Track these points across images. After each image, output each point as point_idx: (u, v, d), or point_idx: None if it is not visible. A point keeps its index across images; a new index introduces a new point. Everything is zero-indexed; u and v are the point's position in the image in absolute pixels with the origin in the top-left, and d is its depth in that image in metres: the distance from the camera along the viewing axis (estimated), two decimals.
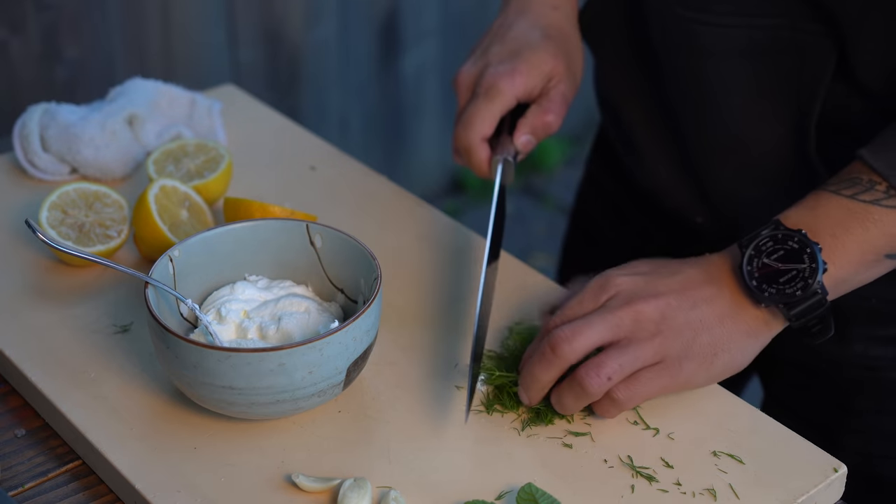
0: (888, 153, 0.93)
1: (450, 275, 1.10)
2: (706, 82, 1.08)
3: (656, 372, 0.92)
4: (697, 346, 0.93)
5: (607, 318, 0.93)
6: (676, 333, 0.92)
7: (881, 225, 0.93)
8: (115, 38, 2.14)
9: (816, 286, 0.91)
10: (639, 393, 0.92)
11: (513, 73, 1.08)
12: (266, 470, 0.90)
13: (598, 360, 0.92)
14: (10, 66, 2.02)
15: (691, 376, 0.93)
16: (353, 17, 2.51)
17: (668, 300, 0.93)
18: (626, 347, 0.92)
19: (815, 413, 1.18)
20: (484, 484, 0.89)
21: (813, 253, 0.92)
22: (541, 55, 1.10)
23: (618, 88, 1.23)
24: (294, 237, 1.00)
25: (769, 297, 0.92)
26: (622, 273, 0.96)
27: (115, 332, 1.02)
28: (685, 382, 0.94)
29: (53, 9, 2.03)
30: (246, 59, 2.36)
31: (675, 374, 0.93)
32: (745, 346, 0.94)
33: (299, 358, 0.88)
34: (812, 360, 1.17)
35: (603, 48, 1.24)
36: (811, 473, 0.90)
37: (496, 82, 1.08)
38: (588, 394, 0.91)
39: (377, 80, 2.63)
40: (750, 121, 1.08)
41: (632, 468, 0.90)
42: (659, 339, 0.92)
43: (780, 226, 0.94)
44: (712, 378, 0.95)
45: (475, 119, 1.07)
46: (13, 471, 0.92)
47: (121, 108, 1.23)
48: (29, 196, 1.20)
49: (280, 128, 1.34)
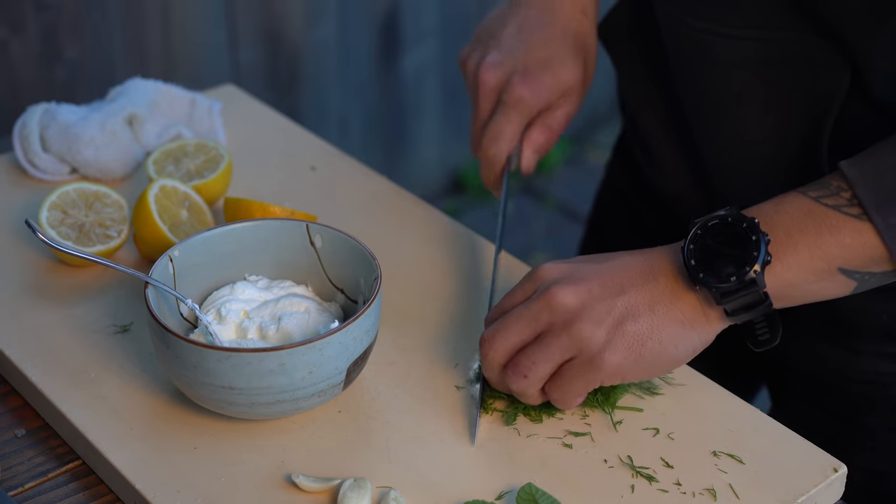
0: (864, 163, 0.89)
1: (450, 274, 1.10)
2: (719, 92, 1.07)
3: (577, 366, 0.89)
4: (622, 336, 0.88)
5: (524, 313, 0.90)
6: (595, 322, 0.88)
7: (836, 232, 0.88)
8: (115, 38, 2.14)
9: (754, 276, 0.86)
10: (566, 390, 0.90)
11: (541, 87, 1.07)
12: (266, 470, 0.90)
13: (515, 358, 0.90)
14: (10, 66, 2.02)
15: (618, 369, 0.89)
16: (353, 17, 2.51)
17: (590, 286, 0.89)
18: (542, 340, 0.89)
19: (824, 427, 1.15)
20: (484, 484, 0.89)
21: (758, 241, 0.87)
22: (568, 70, 1.08)
23: (635, 96, 1.22)
24: (294, 237, 1.00)
25: (702, 280, 0.87)
26: (556, 262, 0.93)
27: (115, 332, 1.02)
28: (613, 375, 0.89)
29: (53, 9, 2.03)
30: (246, 59, 2.36)
31: (598, 367, 0.88)
32: (678, 335, 0.89)
33: (299, 358, 0.88)
34: (822, 374, 1.15)
35: (620, 56, 1.23)
36: (811, 473, 0.90)
37: (524, 95, 1.06)
38: (518, 394, 0.91)
39: (377, 79, 2.63)
40: (763, 132, 1.06)
41: (632, 468, 0.90)
42: (577, 328, 0.88)
43: (734, 209, 0.89)
44: (645, 371, 0.90)
45: (506, 134, 1.06)
46: (13, 471, 0.92)
47: (121, 108, 1.23)
48: (29, 196, 1.20)
49: (280, 128, 1.34)
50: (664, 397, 0.96)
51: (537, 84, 1.06)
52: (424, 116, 2.77)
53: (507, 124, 1.06)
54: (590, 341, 0.88)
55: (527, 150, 1.08)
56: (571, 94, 1.10)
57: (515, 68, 1.07)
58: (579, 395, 0.90)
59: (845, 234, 0.88)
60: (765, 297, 0.88)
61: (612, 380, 0.90)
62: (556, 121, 1.09)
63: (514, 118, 1.06)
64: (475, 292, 1.08)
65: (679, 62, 1.10)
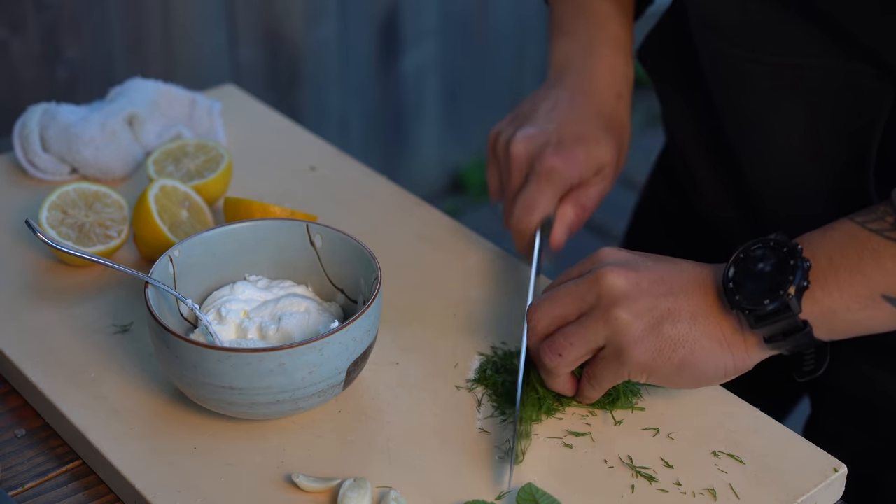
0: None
1: (450, 274, 1.10)
2: (762, 119, 1.05)
3: (607, 357, 0.89)
4: (657, 335, 0.87)
5: (572, 289, 0.90)
6: (635, 314, 0.87)
7: (877, 256, 0.86)
8: (115, 38, 2.14)
9: (790, 301, 0.85)
10: (599, 382, 0.90)
11: (574, 160, 1.05)
12: (266, 470, 0.90)
13: (552, 336, 0.90)
14: (10, 66, 2.02)
15: (644, 366, 0.88)
16: (353, 17, 2.51)
17: (640, 278, 0.89)
18: (579, 322, 0.89)
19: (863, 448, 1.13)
20: (484, 484, 0.89)
21: (795, 266, 0.86)
22: (601, 148, 1.07)
23: (676, 119, 1.21)
24: (294, 237, 1.00)
25: (737, 302, 0.86)
26: (618, 248, 0.93)
27: (115, 332, 1.02)
28: (638, 372, 0.89)
29: (53, 9, 2.03)
30: (246, 59, 2.36)
31: (626, 361, 0.88)
32: (711, 352, 0.88)
33: (299, 358, 0.88)
34: (869, 396, 1.12)
35: (662, 81, 1.21)
36: (811, 473, 0.90)
37: (557, 166, 1.04)
38: (549, 372, 0.91)
39: (377, 80, 2.63)
40: (806, 159, 1.04)
41: (632, 468, 0.90)
42: (613, 314, 0.87)
43: (780, 236, 0.88)
44: (671, 377, 0.89)
45: (538, 204, 1.04)
46: (13, 471, 0.92)
47: (121, 108, 1.23)
48: (29, 196, 1.20)
49: (280, 128, 1.34)
50: (664, 397, 0.96)
51: (570, 157, 1.05)
52: (424, 116, 2.77)
53: (539, 194, 1.04)
54: (624, 330, 0.87)
55: (559, 225, 1.06)
56: (605, 173, 1.08)
57: (549, 140, 1.06)
58: (610, 383, 0.90)
59: (886, 259, 0.85)
60: (803, 325, 0.86)
61: (637, 376, 0.89)
62: (590, 199, 1.07)
63: (546, 189, 1.04)
64: (475, 292, 1.08)
65: (719, 88, 1.09)
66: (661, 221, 1.33)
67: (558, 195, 1.05)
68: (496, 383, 0.97)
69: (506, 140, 1.08)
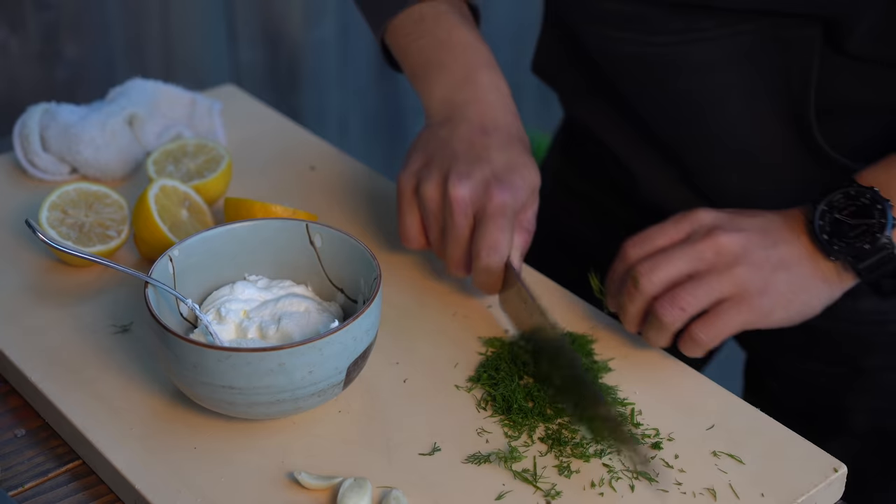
0: None
1: (450, 275, 1.10)
2: (697, 100, 1.09)
3: (734, 305, 0.94)
4: (776, 283, 0.95)
5: (687, 250, 0.95)
6: (756, 267, 0.95)
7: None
8: (115, 38, 2.14)
9: (885, 240, 0.95)
10: (718, 328, 0.94)
11: (516, 190, 1.02)
12: (266, 470, 0.90)
13: (674, 291, 0.94)
14: (10, 66, 2.02)
15: (770, 312, 0.96)
16: (354, 17, 2.51)
17: (750, 235, 0.96)
18: (703, 278, 0.94)
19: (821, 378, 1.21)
20: (484, 484, 0.89)
21: (883, 209, 0.95)
22: (531, 171, 1.05)
23: (591, 120, 1.23)
24: (294, 237, 1.00)
25: (839, 251, 0.96)
26: (708, 209, 0.98)
27: (115, 332, 1.02)
28: (764, 318, 0.96)
29: (53, 9, 2.03)
30: (246, 59, 2.36)
31: (754, 309, 0.95)
32: (820, 291, 0.97)
33: (299, 358, 0.88)
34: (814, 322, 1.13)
35: (565, 91, 1.25)
36: (811, 473, 0.90)
37: (506, 200, 1.01)
38: (665, 326, 0.95)
39: (377, 80, 2.63)
40: (750, 126, 1.09)
41: (632, 468, 0.90)
42: (738, 271, 0.94)
43: (854, 183, 0.97)
44: (790, 318, 0.97)
45: (502, 242, 1.00)
46: (13, 471, 0.92)
47: (121, 109, 1.23)
48: (29, 196, 1.20)
49: (280, 128, 1.34)
50: (665, 397, 0.96)
51: (513, 188, 1.02)
52: (424, 117, 2.77)
53: (500, 233, 1.00)
54: (749, 284, 0.94)
55: (514, 255, 1.03)
56: (535, 194, 1.06)
57: (486, 177, 1.02)
58: (730, 333, 0.95)
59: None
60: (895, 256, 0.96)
61: (763, 322, 0.96)
62: (529, 221, 1.05)
63: (504, 225, 1.00)
64: (475, 292, 1.08)
65: (643, 79, 1.12)
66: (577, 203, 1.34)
67: (512, 228, 1.02)
68: (495, 383, 0.97)
69: (436, 186, 1.03)
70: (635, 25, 1.08)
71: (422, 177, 1.04)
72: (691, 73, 1.08)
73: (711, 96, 1.09)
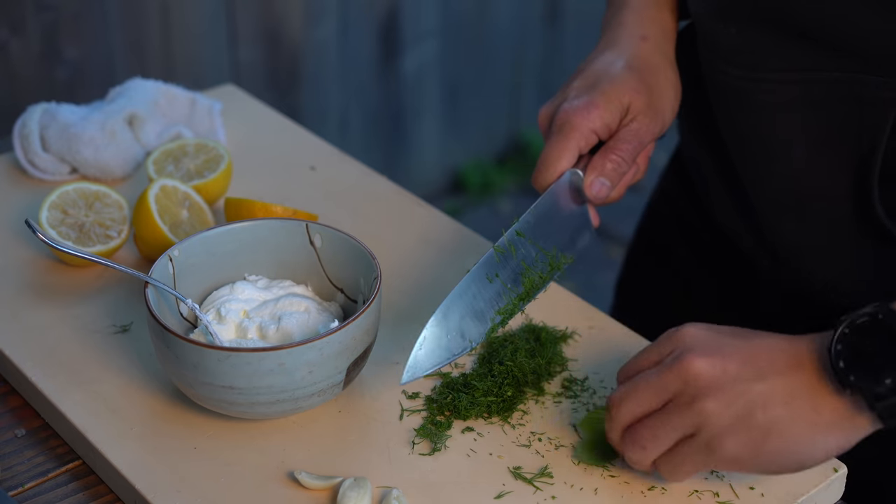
0: None
1: (450, 274, 1.10)
2: (764, 137, 1.04)
3: (693, 445, 0.83)
4: (747, 425, 0.81)
5: (653, 381, 0.84)
6: (726, 403, 0.81)
7: None
8: (115, 38, 2.14)
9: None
10: (679, 469, 0.84)
11: (588, 106, 1.00)
12: (266, 469, 0.90)
13: (635, 428, 0.85)
14: (10, 66, 2.02)
15: (734, 458, 0.82)
16: (353, 17, 2.51)
17: (728, 363, 0.82)
18: (663, 414, 0.84)
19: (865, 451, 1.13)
20: (484, 484, 0.89)
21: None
22: (619, 87, 1.02)
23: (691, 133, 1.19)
24: (294, 237, 1.00)
25: (853, 383, 0.79)
26: (697, 325, 0.86)
27: (115, 332, 1.02)
28: (727, 463, 0.82)
29: (53, 9, 2.03)
30: (246, 58, 2.36)
31: (713, 451, 0.82)
32: (811, 438, 0.81)
33: (299, 357, 0.88)
34: None
35: None
36: (811, 473, 0.90)
37: (570, 117, 1.00)
38: (632, 463, 0.86)
39: (377, 80, 2.63)
40: (810, 172, 1.03)
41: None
42: (700, 405, 0.81)
43: (884, 306, 0.80)
44: (765, 466, 0.82)
45: (550, 160, 0.99)
46: (13, 471, 0.92)
47: (121, 108, 1.23)
48: (29, 196, 1.20)
49: (280, 128, 1.34)
50: None
51: (585, 105, 1.00)
52: (424, 116, 2.77)
53: (552, 149, 0.99)
54: (712, 421, 0.81)
55: (590, 174, 1.01)
56: (634, 113, 1.03)
57: (566, 97, 1.03)
58: (689, 474, 0.84)
59: None
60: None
61: (727, 468, 0.83)
62: (621, 140, 1.01)
63: (559, 142, 0.99)
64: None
65: (720, 107, 1.08)
66: (676, 224, 1.30)
67: (576, 148, 1.00)
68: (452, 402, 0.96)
69: None
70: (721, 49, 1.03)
71: None
72: (759, 109, 1.03)
73: (774, 135, 1.03)
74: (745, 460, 0.82)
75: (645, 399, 0.84)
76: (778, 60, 1.00)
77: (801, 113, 1.01)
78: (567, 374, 0.99)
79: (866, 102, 0.97)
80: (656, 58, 1.07)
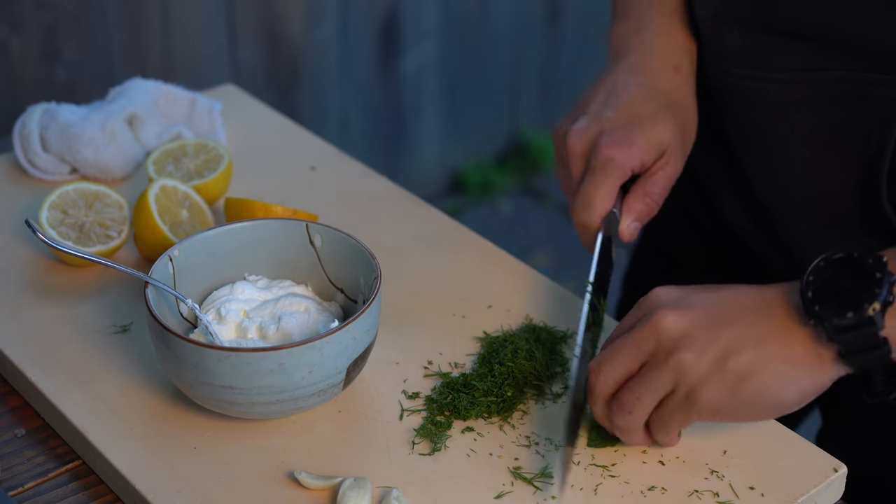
0: None
1: (449, 274, 1.10)
2: (772, 136, 1.04)
3: (674, 400, 0.84)
4: (722, 371, 0.82)
5: (627, 342, 0.85)
6: (698, 352, 0.82)
7: None
8: (115, 38, 2.14)
9: (872, 314, 0.80)
10: (668, 427, 0.85)
11: (630, 146, 0.99)
12: (266, 469, 0.90)
13: (619, 394, 0.85)
14: (10, 66, 2.02)
15: (713, 406, 0.83)
16: (353, 17, 2.51)
17: (696, 314, 0.84)
18: (642, 375, 0.84)
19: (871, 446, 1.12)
20: (484, 484, 0.89)
21: (882, 279, 0.81)
22: (659, 128, 1.02)
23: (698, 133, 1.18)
24: (294, 237, 1.00)
25: (817, 312, 0.81)
26: (668, 287, 0.88)
27: (115, 332, 1.02)
28: (708, 412, 0.84)
29: (53, 9, 2.03)
30: (246, 59, 2.36)
31: (693, 402, 0.83)
32: (784, 376, 0.82)
33: (299, 357, 0.88)
34: None
35: None
36: (811, 473, 0.90)
37: (613, 156, 0.99)
38: (622, 430, 0.87)
39: (377, 80, 2.63)
40: (818, 171, 1.03)
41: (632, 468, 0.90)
42: (675, 358, 0.83)
43: (862, 246, 0.83)
44: (743, 412, 0.84)
45: (596, 199, 0.98)
46: (13, 471, 0.92)
47: (121, 108, 1.23)
48: (29, 196, 1.20)
49: (280, 128, 1.34)
50: None
51: (626, 143, 0.99)
52: (424, 116, 2.77)
53: (595, 188, 0.98)
54: (688, 372, 0.82)
55: (626, 218, 1.01)
56: (669, 155, 1.02)
57: (603, 129, 1.01)
58: (676, 432, 0.86)
59: None
60: (883, 342, 0.81)
61: (708, 417, 0.84)
62: (656, 185, 1.01)
63: (602, 181, 0.98)
64: (475, 292, 1.08)
65: (727, 108, 1.08)
66: (684, 225, 1.30)
67: (617, 186, 1.00)
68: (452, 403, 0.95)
69: (563, 134, 1.04)
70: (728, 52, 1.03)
71: (562, 124, 1.05)
72: (767, 108, 1.03)
73: (782, 135, 1.03)
74: (724, 408, 0.83)
75: (621, 362, 0.85)
76: (784, 61, 1.00)
77: (809, 112, 1.01)
78: (567, 374, 0.99)
79: (874, 101, 0.97)
80: (687, 95, 1.07)
